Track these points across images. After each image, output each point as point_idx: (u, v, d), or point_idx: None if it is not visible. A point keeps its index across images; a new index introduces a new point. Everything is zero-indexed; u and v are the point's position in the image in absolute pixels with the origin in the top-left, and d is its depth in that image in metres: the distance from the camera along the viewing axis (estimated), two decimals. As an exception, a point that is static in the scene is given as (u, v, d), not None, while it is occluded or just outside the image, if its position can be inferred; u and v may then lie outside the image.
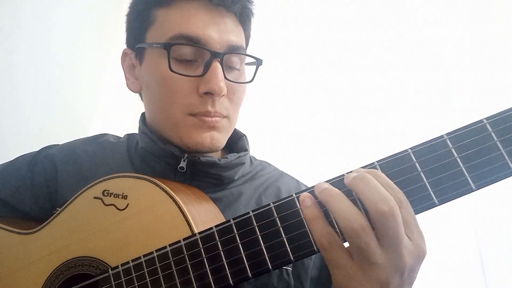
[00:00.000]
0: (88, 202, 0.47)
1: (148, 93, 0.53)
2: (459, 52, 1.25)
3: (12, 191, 0.57)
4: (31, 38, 1.04)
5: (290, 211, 0.36)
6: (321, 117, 1.32)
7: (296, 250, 0.35)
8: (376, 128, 1.24)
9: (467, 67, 1.22)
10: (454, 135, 0.33)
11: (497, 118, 0.32)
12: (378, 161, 0.35)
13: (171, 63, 0.47)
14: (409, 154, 0.34)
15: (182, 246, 0.39)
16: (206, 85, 0.47)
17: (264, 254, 0.35)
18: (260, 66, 0.53)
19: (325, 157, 1.22)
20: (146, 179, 0.45)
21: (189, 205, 0.43)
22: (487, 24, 1.22)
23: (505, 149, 0.31)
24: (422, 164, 0.33)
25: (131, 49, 0.55)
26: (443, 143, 0.33)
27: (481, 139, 0.32)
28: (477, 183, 0.31)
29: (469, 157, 0.32)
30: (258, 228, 0.36)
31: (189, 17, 0.48)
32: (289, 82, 1.39)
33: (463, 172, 0.32)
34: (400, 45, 1.33)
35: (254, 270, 0.36)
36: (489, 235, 1.18)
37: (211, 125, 0.49)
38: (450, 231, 1.18)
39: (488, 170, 0.31)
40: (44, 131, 1.06)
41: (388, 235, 0.31)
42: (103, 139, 0.63)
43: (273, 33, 1.42)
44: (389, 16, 1.36)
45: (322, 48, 1.39)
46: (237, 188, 0.55)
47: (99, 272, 0.43)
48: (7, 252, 0.50)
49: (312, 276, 0.51)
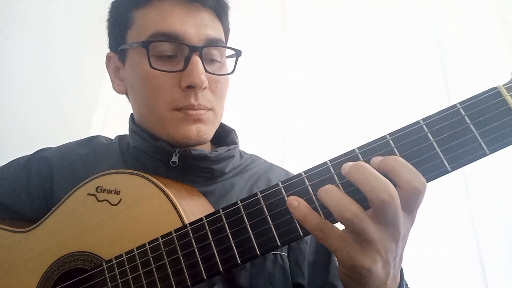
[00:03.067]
0: (82, 199, 0.48)
1: (133, 92, 0.55)
2: (459, 51, 1.26)
3: (8, 193, 0.59)
4: (31, 38, 1.05)
5: (276, 198, 0.37)
6: (312, 113, 1.33)
7: (282, 235, 0.36)
8: (367, 124, 1.26)
9: (467, 66, 1.23)
10: (430, 120, 0.35)
11: (470, 103, 0.34)
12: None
13: (151, 60, 0.49)
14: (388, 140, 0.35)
15: (174, 237, 0.40)
16: (187, 79, 0.48)
17: (252, 241, 0.36)
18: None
19: (316, 153, 1.23)
20: (138, 175, 0.47)
21: (180, 199, 0.44)
22: (487, 24, 1.25)
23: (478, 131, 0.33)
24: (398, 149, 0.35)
25: (114, 52, 0.57)
26: (420, 128, 0.35)
27: (455, 122, 0.33)
28: (452, 165, 0.33)
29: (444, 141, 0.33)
30: (246, 216, 0.37)
31: (165, 14, 0.50)
32: (280, 78, 1.40)
33: (438, 154, 0.33)
34: (392, 41, 1.35)
35: (243, 257, 0.37)
36: (489, 235, 1.18)
37: (196, 118, 0.50)
38: (450, 231, 1.18)
39: (463, 152, 0.33)
40: (44, 131, 1.07)
41: (387, 217, 0.32)
42: (96, 141, 0.65)
43: (264, 30, 1.44)
44: (380, 11, 1.39)
45: (315, 44, 1.41)
46: (229, 180, 0.56)
47: (94, 266, 0.44)
48: (3, 250, 0.51)
49: (309, 260, 0.52)
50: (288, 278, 0.50)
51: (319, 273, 0.52)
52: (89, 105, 1.31)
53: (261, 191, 0.38)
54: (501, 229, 1.17)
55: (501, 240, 1.17)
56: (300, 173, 0.37)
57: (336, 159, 0.36)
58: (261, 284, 0.49)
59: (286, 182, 0.37)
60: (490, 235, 1.18)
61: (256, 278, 0.49)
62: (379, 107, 1.27)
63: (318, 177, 0.36)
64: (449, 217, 1.17)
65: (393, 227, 0.32)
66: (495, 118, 0.33)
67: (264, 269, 0.49)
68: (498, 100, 0.33)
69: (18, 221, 0.57)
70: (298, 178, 0.37)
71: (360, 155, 0.36)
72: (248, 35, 1.38)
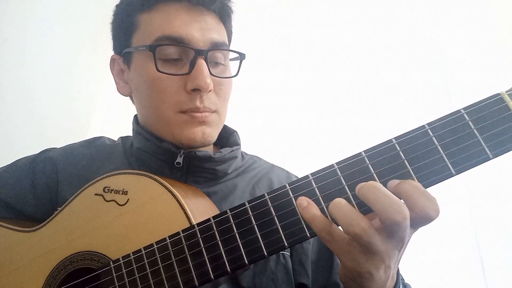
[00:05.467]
0: (89, 199, 0.49)
1: (138, 95, 0.55)
2: (459, 51, 1.27)
3: (13, 193, 0.59)
4: (31, 38, 1.05)
5: (283, 200, 0.38)
6: (314, 114, 1.34)
7: (289, 236, 0.36)
8: (369, 124, 1.26)
9: (467, 67, 1.24)
10: (435, 125, 0.35)
11: (474, 108, 0.35)
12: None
13: (157, 64, 0.49)
14: (393, 145, 0.36)
15: (181, 237, 0.40)
16: (193, 82, 0.49)
17: (259, 242, 0.37)
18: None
19: (319, 154, 1.24)
20: (145, 175, 0.47)
21: (187, 199, 0.45)
22: (487, 24, 1.25)
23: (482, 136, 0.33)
24: (405, 152, 0.35)
25: (118, 55, 0.58)
26: (425, 132, 0.35)
27: (459, 127, 0.34)
28: (456, 168, 0.33)
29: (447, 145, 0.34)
30: (253, 217, 0.38)
31: (170, 18, 0.50)
32: (283, 79, 1.40)
33: (443, 158, 0.34)
34: (393, 42, 1.35)
35: (250, 257, 0.37)
36: (489, 235, 1.19)
37: (201, 120, 0.51)
38: (450, 231, 1.18)
39: (467, 156, 0.33)
40: (44, 131, 1.07)
41: (396, 235, 0.32)
42: (100, 142, 0.65)
43: (265, 31, 1.44)
44: (381, 12, 1.39)
45: (317, 45, 1.41)
46: (231, 181, 0.57)
47: (101, 265, 0.44)
48: (9, 249, 0.51)
49: (312, 259, 0.53)
50: (291, 277, 0.51)
51: (322, 272, 0.53)
52: (89, 105, 1.31)
53: (269, 193, 0.38)
54: (501, 229, 1.18)
55: (501, 240, 1.18)
56: (307, 175, 0.38)
57: (343, 162, 0.37)
58: (264, 284, 0.49)
59: (293, 184, 0.38)
60: (490, 235, 1.19)
61: (259, 277, 0.49)
62: (381, 107, 1.28)
63: (324, 179, 0.37)
64: (449, 217, 1.18)
65: (399, 241, 0.33)
66: (499, 124, 0.33)
67: (266, 268, 0.50)
68: (501, 106, 0.34)
69: (23, 221, 0.58)
70: (305, 180, 0.37)
71: (366, 158, 0.36)
72: (250, 36, 1.38)
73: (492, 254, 1.18)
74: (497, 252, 1.17)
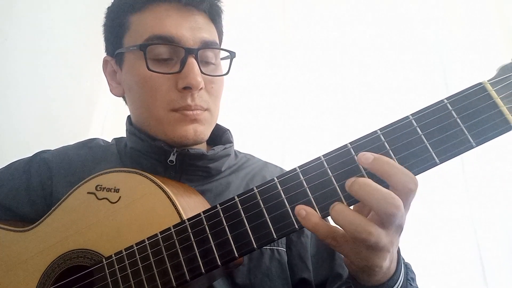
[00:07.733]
0: (82, 197, 0.49)
1: (130, 95, 0.56)
2: (459, 51, 1.27)
3: (8, 194, 0.60)
4: (31, 38, 1.06)
5: (272, 193, 0.38)
6: (311, 113, 1.34)
7: (279, 229, 0.37)
8: (366, 124, 1.26)
9: (467, 66, 1.24)
10: (418, 115, 0.36)
11: (457, 97, 0.35)
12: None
13: (148, 63, 0.50)
14: (378, 135, 0.37)
15: (172, 232, 0.41)
16: (184, 80, 0.50)
17: (249, 234, 0.37)
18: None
19: (310, 153, 1.24)
20: (136, 173, 0.48)
21: (178, 196, 0.45)
22: (487, 24, 1.26)
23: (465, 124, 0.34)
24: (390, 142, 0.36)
25: (110, 56, 0.58)
26: (409, 123, 0.36)
27: (442, 117, 0.35)
28: (440, 157, 0.34)
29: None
30: (242, 210, 0.38)
31: (161, 18, 0.51)
32: (279, 78, 1.41)
33: (427, 147, 0.34)
34: (392, 41, 1.36)
35: (240, 250, 0.37)
36: (489, 235, 1.18)
37: (193, 118, 0.51)
38: (450, 231, 1.18)
39: (451, 145, 0.34)
40: (43, 131, 1.07)
41: (395, 224, 0.33)
42: (94, 143, 0.66)
43: (263, 29, 1.45)
44: (380, 11, 1.40)
45: (314, 44, 1.42)
46: (225, 179, 0.58)
47: (94, 262, 0.45)
48: (3, 249, 0.51)
49: (312, 253, 0.53)
50: (286, 272, 0.51)
51: (323, 264, 0.53)
52: (89, 106, 1.31)
53: (257, 186, 0.39)
54: (501, 229, 1.18)
55: (501, 240, 1.17)
56: (295, 168, 0.38)
57: (329, 154, 0.37)
58: (258, 279, 0.50)
59: (282, 177, 0.38)
60: (490, 235, 1.18)
61: (253, 273, 0.50)
62: (379, 107, 1.28)
63: (312, 171, 0.37)
64: (449, 217, 1.17)
65: (398, 227, 0.34)
66: (481, 112, 0.34)
67: (261, 264, 0.50)
68: (483, 94, 0.34)
69: (18, 222, 0.58)
70: (293, 173, 0.38)
71: (352, 150, 0.37)
72: (247, 34, 1.40)
73: (492, 254, 1.17)
74: (497, 252, 1.16)
